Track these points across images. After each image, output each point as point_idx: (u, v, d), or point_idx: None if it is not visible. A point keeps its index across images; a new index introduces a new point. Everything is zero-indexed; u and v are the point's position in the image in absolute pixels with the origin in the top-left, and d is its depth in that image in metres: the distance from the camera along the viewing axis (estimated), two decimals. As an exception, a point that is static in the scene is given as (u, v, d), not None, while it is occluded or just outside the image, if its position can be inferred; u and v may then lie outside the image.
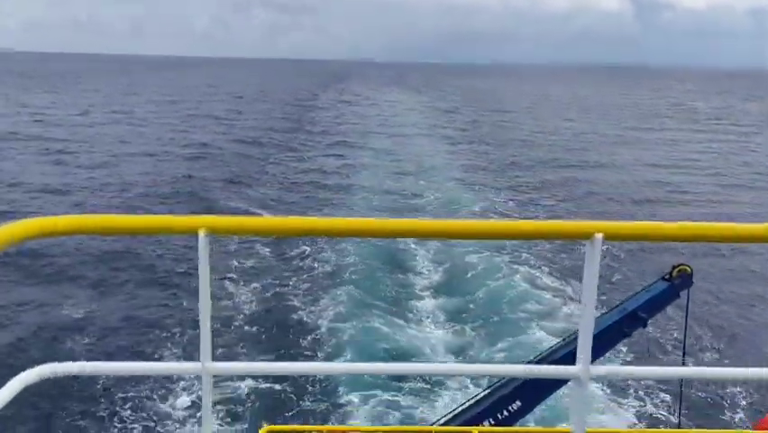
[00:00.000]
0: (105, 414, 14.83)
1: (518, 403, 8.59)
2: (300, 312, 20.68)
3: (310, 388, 15.62)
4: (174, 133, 60.47)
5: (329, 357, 17.61)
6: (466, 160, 50.13)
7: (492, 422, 8.38)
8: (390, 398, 15.19)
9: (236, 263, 24.97)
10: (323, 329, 19.36)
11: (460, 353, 17.98)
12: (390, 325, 19.33)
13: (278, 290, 22.68)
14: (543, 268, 25.43)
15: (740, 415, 15.34)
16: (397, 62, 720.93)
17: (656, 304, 9.68)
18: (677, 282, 9.70)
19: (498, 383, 8.83)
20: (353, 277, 23.09)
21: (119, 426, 14.48)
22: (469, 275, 24.08)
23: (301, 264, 25.34)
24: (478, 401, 8.69)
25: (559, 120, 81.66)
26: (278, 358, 17.12)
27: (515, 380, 8.61)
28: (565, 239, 2.19)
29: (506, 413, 8.52)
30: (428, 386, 15.95)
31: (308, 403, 15.01)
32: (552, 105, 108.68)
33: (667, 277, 9.79)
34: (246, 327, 19.65)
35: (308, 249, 26.86)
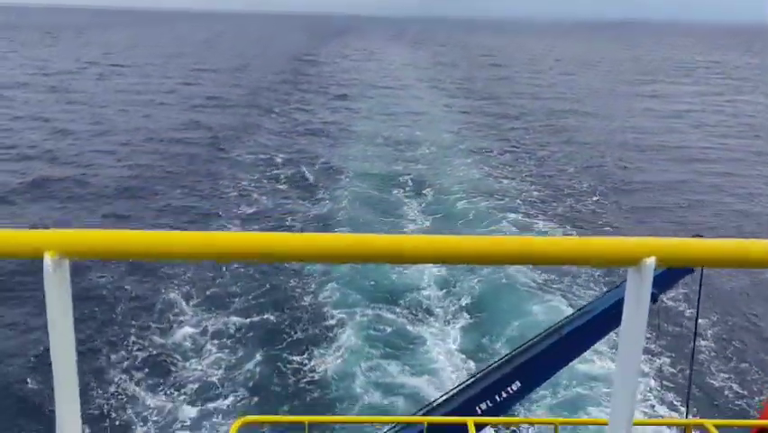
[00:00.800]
0: None
1: (518, 384, 8.10)
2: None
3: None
4: (178, 86, 61.34)
5: (317, 295, 19.14)
6: (462, 113, 51.18)
7: (490, 404, 7.93)
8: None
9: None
10: (314, 271, 20.88)
11: (446, 285, 19.66)
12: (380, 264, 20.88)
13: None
14: (535, 214, 26.99)
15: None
16: (404, 17, 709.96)
17: (668, 279, 9.02)
18: None
19: (497, 362, 8.50)
20: (346, 218, 24.83)
21: None
22: (460, 222, 25.66)
23: (290, 208, 26.86)
24: (475, 381, 8.24)
25: (558, 75, 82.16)
26: (258, 303, 18.50)
27: (515, 358, 8.30)
28: (600, 266, 1.78)
29: (504, 395, 8.04)
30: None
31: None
32: (553, 61, 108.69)
33: None
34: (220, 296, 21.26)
35: (297, 195, 28.46)
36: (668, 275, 8.99)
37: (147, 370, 15.16)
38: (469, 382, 8.39)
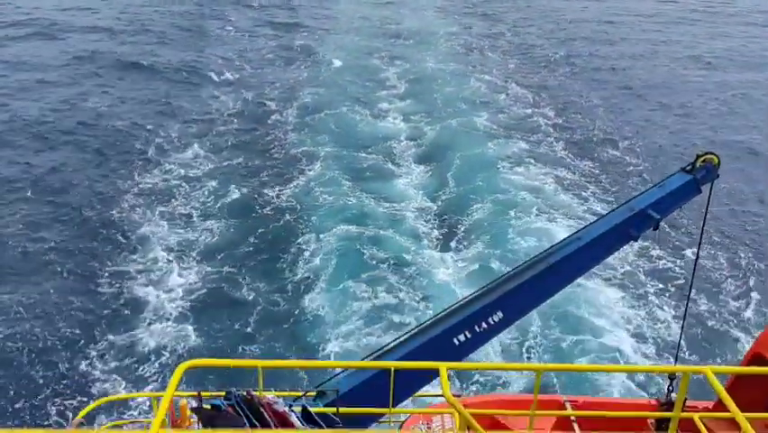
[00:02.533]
0: None
1: (500, 314, 7.69)
2: (274, 112, 23.62)
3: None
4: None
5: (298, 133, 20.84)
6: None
7: (468, 336, 7.56)
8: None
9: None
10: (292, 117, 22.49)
11: (414, 136, 21.41)
12: (359, 114, 22.67)
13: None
14: (504, 78, 28.17)
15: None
16: None
17: (672, 201, 8.32)
18: (700, 175, 8.31)
19: (478, 291, 7.99)
20: (329, 80, 26.15)
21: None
22: (435, 83, 26.93)
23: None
24: (454, 310, 7.80)
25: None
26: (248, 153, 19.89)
27: (498, 288, 7.84)
28: None
29: (485, 325, 7.64)
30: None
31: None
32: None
33: (689, 168, 8.41)
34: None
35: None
36: (674, 197, 8.28)
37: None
38: (447, 311, 7.82)
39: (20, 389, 11.83)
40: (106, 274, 14.58)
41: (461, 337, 7.51)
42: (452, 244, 15.62)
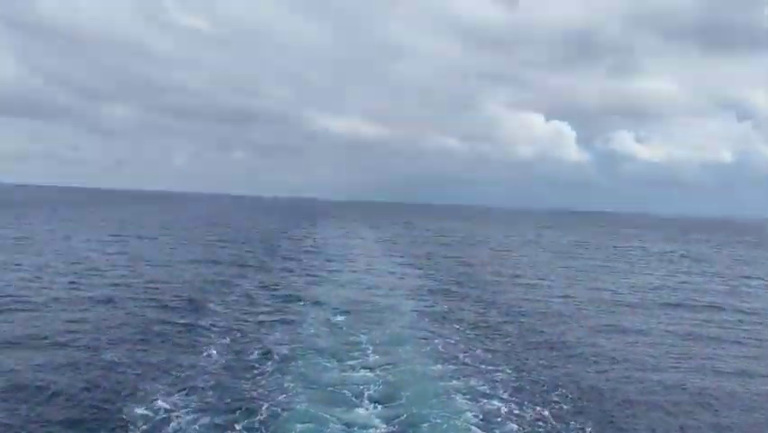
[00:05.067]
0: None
1: None
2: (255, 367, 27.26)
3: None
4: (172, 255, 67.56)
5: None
6: (417, 279, 57.50)
7: None
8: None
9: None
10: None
11: (377, 381, 25.11)
12: (328, 366, 26.79)
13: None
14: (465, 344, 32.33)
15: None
16: (370, 201, 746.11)
17: None
18: None
19: None
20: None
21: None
22: (400, 346, 31.14)
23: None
24: None
25: (519, 255, 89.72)
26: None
27: None
28: None
29: None
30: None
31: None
32: (496, 242, 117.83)
33: None
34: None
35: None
36: None
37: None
38: None
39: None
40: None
41: None
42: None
